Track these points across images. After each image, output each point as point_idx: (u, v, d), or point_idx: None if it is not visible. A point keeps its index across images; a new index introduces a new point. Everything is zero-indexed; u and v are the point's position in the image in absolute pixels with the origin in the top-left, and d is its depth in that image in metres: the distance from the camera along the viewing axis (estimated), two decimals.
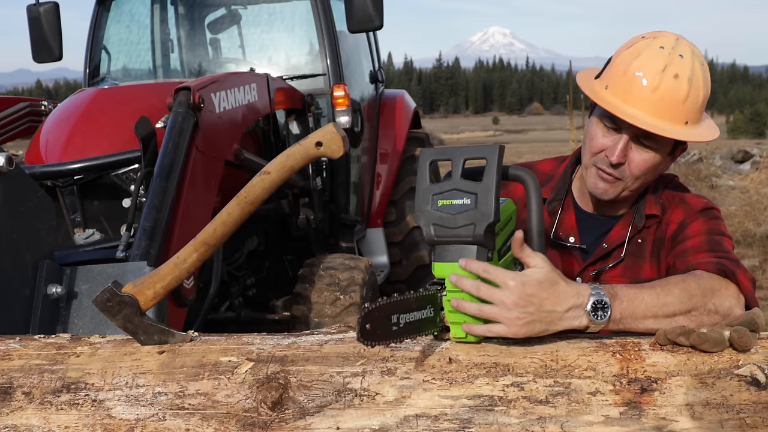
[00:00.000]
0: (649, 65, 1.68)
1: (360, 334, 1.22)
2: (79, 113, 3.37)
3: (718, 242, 1.68)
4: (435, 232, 1.35)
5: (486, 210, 1.31)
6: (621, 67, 1.72)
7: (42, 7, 4.57)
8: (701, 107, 1.74)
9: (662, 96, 1.67)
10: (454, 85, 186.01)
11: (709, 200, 1.85)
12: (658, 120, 1.67)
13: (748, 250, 8.15)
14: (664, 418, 1.24)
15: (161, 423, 1.33)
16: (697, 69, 1.70)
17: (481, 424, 1.26)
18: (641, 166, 1.72)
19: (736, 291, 1.50)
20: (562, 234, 1.89)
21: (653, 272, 1.81)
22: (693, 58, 1.70)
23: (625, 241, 1.83)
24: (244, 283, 4.24)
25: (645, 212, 1.82)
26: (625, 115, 1.67)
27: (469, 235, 1.33)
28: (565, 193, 1.92)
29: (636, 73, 1.69)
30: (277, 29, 5.12)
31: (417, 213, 1.38)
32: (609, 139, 1.74)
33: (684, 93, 1.67)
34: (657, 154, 1.72)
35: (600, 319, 1.33)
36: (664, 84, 1.67)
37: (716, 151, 14.30)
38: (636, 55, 1.71)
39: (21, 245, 2.10)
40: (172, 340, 1.47)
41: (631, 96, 1.69)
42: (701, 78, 1.70)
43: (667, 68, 1.67)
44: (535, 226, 1.43)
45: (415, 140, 5.99)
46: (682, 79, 1.67)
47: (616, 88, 1.72)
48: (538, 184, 1.43)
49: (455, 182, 1.35)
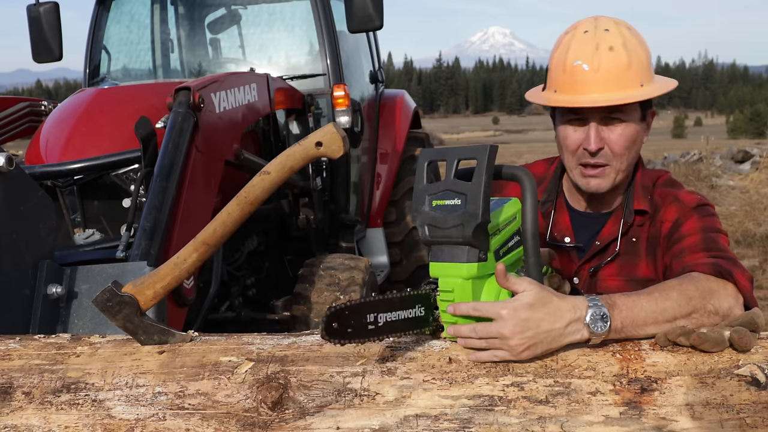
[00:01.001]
0: (583, 51, 1.75)
1: (324, 332, 1.25)
2: (79, 113, 3.37)
3: (714, 240, 1.69)
4: (429, 232, 1.36)
5: (473, 210, 1.31)
6: (559, 66, 1.79)
7: (42, 7, 4.56)
8: (648, 66, 1.78)
9: (608, 70, 1.73)
10: (454, 85, 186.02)
11: (703, 196, 1.85)
12: (614, 93, 1.72)
13: (748, 250, 8.15)
14: (664, 418, 1.24)
15: (161, 423, 1.33)
16: (626, 34, 1.76)
17: (481, 424, 1.26)
18: (619, 141, 1.76)
19: (734, 291, 1.50)
20: (557, 235, 1.91)
21: (649, 270, 1.81)
22: (617, 27, 1.76)
23: (618, 237, 1.84)
24: (244, 283, 4.24)
25: (634, 207, 1.84)
26: (584, 102, 1.73)
27: (460, 235, 1.33)
28: (556, 194, 1.94)
29: (575, 63, 1.75)
30: (277, 29, 5.12)
31: (413, 213, 1.40)
32: (579, 132, 1.78)
33: (625, 59, 1.73)
34: (629, 124, 1.77)
35: (600, 330, 1.32)
36: (603, 60, 1.73)
37: (716, 151, 14.30)
38: (567, 48, 1.78)
39: (21, 245, 2.10)
40: (172, 340, 1.47)
41: (579, 85, 1.75)
42: (634, 41, 1.76)
43: (600, 45, 1.73)
44: (529, 227, 1.42)
45: (415, 140, 5.98)
46: (617, 49, 1.73)
47: (563, 85, 1.78)
48: (534, 183, 1.42)
49: (448, 183, 1.36)
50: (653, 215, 1.83)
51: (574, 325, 1.32)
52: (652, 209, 1.83)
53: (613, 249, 1.84)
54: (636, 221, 1.84)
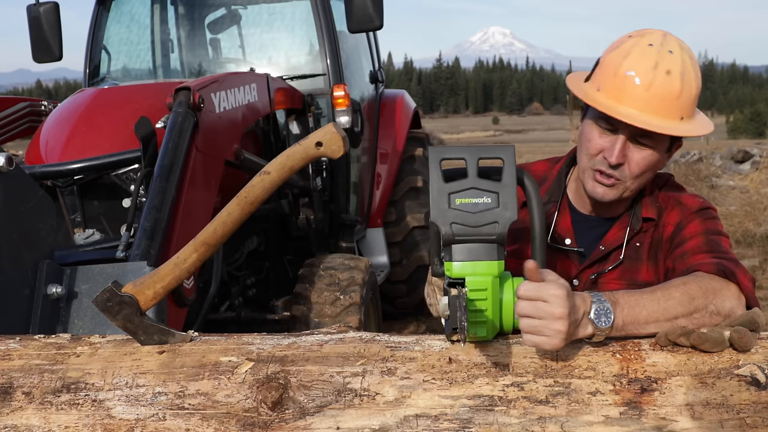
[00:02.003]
0: (640, 63, 1.68)
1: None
2: (79, 113, 3.37)
3: (717, 242, 1.68)
4: (455, 230, 1.34)
5: (510, 208, 1.33)
6: (611, 68, 1.72)
7: (42, 7, 4.57)
8: (694, 101, 1.74)
9: (656, 93, 1.66)
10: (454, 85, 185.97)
11: (706, 199, 1.84)
12: (654, 117, 1.67)
13: (748, 250, 8.15)
14: (664, 418, 1.24)
15: (161, 423, 1.33)
16: (687, 63, 1.69)
17: (481, 424, 1.26)
18: (640, 164, 1.72)
19: (737, 291, 1.49)
20: (557, 236, 1.88)
21: (650, 275, 1.80)
22: (682, 53, 1.70)
23: (623, 244, 1.81)
24: (244, 283, 4.24)
25: (642, 215, 1.82)
26: (622, 115, 1.67)
27: (493, 233, 1.33)
28: (560, 194, 1.91)
29: (628, 73, 1.68)
30: (277, 29, 5.12)
31: (433, 212, 1.36)
32: (606, 140, 1.73)
33: (678, 88, 1.67)
34: (655, 152, 1.72)
35: (604, 325, 1.32)
36: (657, 81, 1.66)
37: (716, 151, 14.30)
38: (625, 54, 1.70)
39: (21, 245, 2.10)
40: (172, 340, 1.47)
41: (624, 96, 1.68)
42: (692, 72, 1.70)
43: (659, 65, 1.67)
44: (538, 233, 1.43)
45: (415, 140, 5.99)
46: (674, 75, 1.67)
47: (608, 89, 1.71)
48: (537, 186, 1.43)
49: (473, 181, 1.36)
50: (657, 220, 1.81)
51: (585, 318, 1.32)
52: (657, 215, 1.81)
53: (617, 256, 1.81)
54: (642, 228, 1.82)
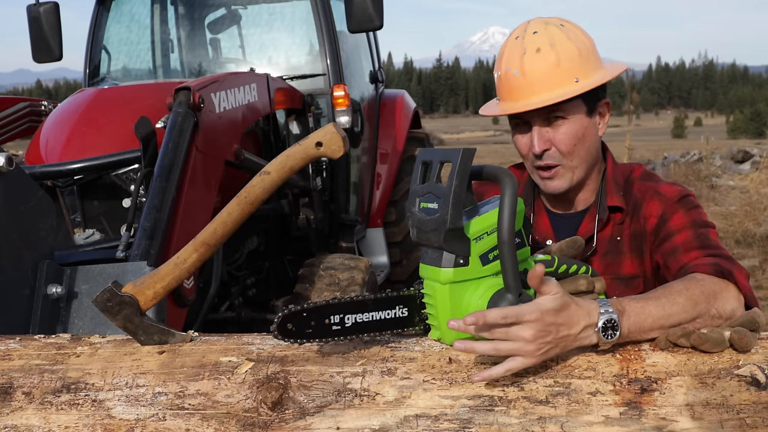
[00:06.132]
0: (512, 57, 1.78)
1: (278, 333, 1.29)
2: (79, 113, 3.37)
3: (706, 236, 1.69)
4: (415, 234, 1.37)
5: (443, 217, 1.30)
6: (497, 75, 1.84)
7: (42, 7, 4.56)
8: (585, 60, 1.77)
9: (534, 74, 1.74)
10: (454, 85, 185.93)
11: (684, 186, 1.85)
12: (546, 93, 1.74)
13: (748, 250, 8.14)
14: (664, 418, 1.24)
15: (161, 423, 1.33)
16: (555, 33, 1.76)
17: (481, 424, 1.26)
18: (564, 140, 1.78)
19: (736, 292, 1.50)
20: (539, 238, 1.92)
21: (634, 267, 1.82)
22: (546, 27, 1.77)
23: (594, 234, 1.85)
24: (244, 283, 4.24)
25: (607, 203, 1.84)
26: (517, 108, 1.76)
27: (436, 240, 1.32)
28: (533, 197, 1.96)
29: (506, 70, 1.79)
30: (277, 29, 5.12)
31: (406, 213, 1.40)
32: (526, 137, 1.82)
33: (553, 58, 1.74)
34: (573, 121, 1.78)
35: (610, 338, 1.31)
36: (529, 63, 1.75)
37: (716, 151, 14.31)
38: (501, 57, 1.82)
39: (21, 245, 2.10)
40: (172, 340, 1.47)
41: (513, 91, 1.78)
42: (564, 37, 1.76)
43: (526, 49, 1.76)
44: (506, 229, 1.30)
45: (415, 140, 5.99)
46: (543, 50, 1.74)
47: (502, 93, 1.83)
48: (515, 183, 1.32)
49: (431, 185, 1.35)
50: (633, 211, 1.82)
51: (587, 331, 1.30)
52: (629, 205, 1.83)
53: (590, 246, 1.84)
54: (615, 218, 1.84)
